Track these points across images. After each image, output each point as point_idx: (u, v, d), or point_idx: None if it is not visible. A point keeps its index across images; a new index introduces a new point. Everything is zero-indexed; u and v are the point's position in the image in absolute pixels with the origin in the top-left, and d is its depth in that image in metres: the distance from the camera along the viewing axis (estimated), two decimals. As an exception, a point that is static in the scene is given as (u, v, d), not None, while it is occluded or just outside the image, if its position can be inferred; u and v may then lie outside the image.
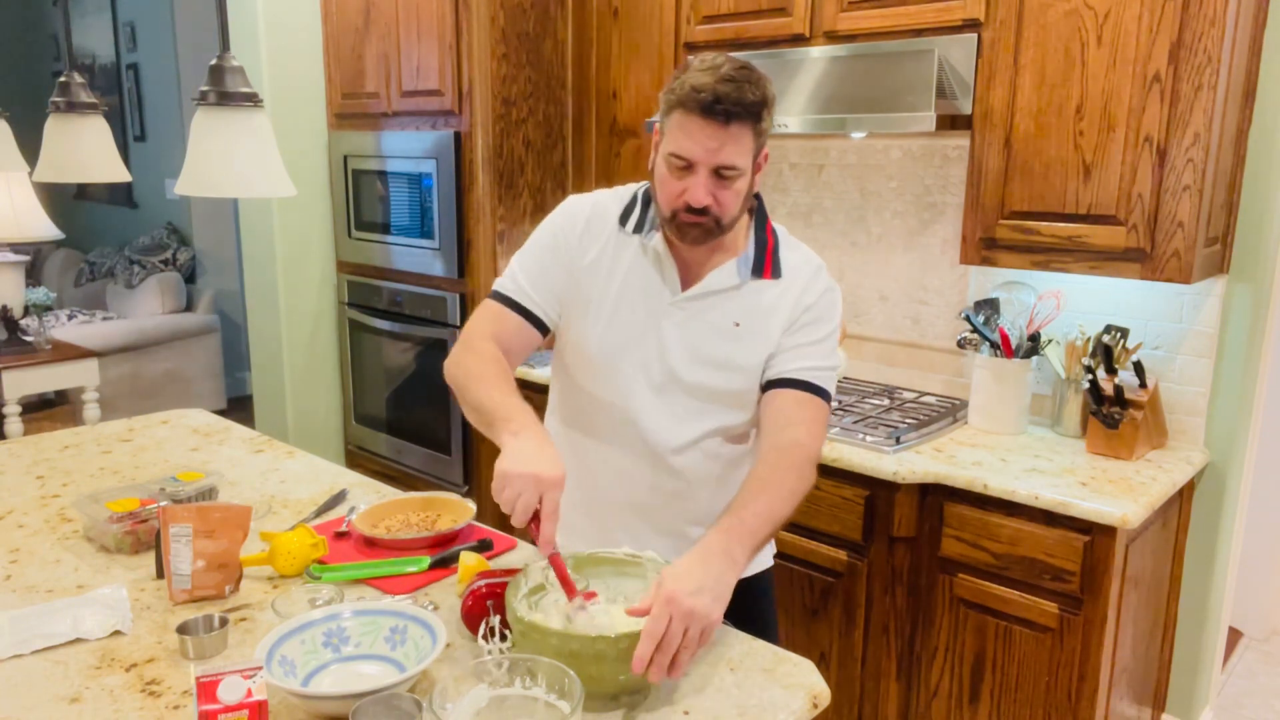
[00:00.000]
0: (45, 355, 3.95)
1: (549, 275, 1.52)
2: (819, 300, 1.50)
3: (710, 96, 1.30)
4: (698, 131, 1.33)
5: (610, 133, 3.11)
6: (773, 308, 1.49)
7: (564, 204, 1.58)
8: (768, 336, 1.48)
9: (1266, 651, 3.16)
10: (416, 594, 1.47)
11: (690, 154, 1.35)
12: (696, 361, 1.49)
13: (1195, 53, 1.96)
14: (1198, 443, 2.37)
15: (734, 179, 1.37)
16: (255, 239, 3.68)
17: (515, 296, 1.53)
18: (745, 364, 1.49)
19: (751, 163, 1.38)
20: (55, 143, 1.97)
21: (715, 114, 1.31)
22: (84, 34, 6.46)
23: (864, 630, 2.30)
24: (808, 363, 1.47)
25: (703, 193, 1.36)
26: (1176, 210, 2.03)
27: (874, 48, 2.41)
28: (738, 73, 1.33)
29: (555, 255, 1.53)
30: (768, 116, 1.37)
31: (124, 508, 1.63)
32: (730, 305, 1.49)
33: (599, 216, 1.53)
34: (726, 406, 1.51)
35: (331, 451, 3.84)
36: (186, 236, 5.96)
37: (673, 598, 1.13)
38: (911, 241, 2.76)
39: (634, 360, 1.50)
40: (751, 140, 1.36)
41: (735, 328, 1.48)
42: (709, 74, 1.32)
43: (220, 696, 1.03)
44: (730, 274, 1.48)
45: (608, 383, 1.52)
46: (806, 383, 1.46)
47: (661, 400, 1.50)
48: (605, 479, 1.57)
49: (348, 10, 3.44)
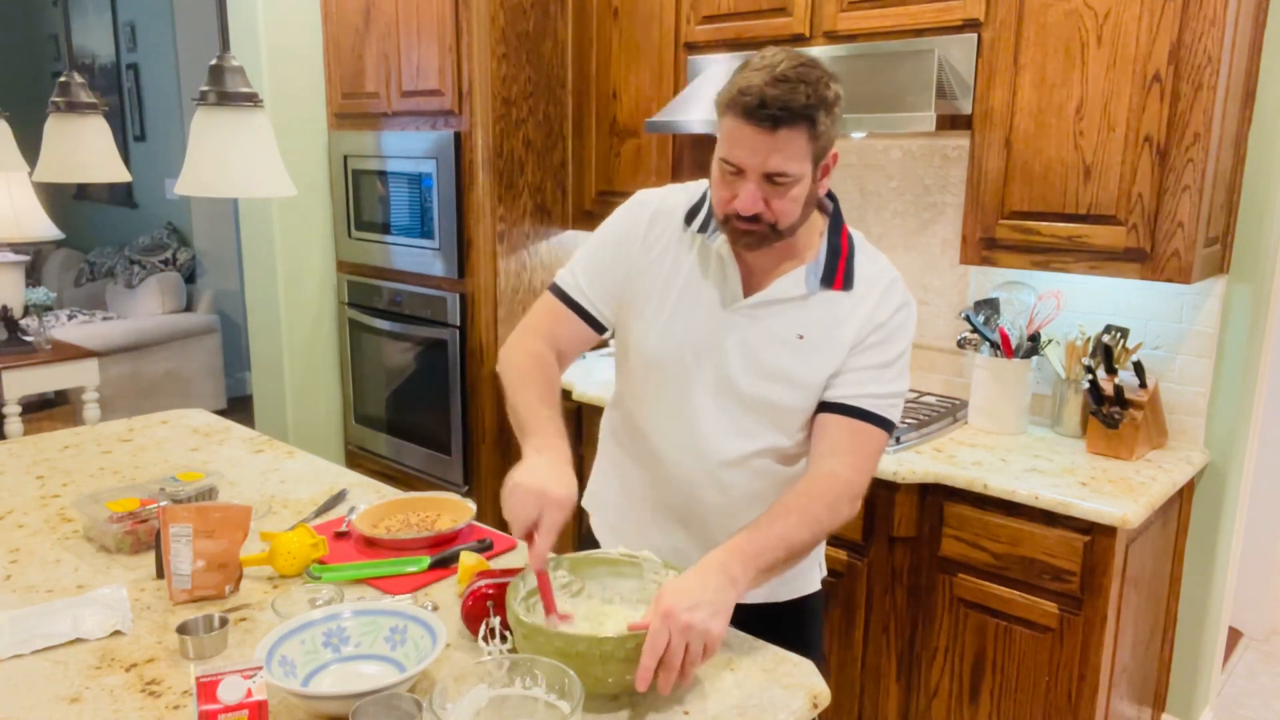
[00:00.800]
0: (45, 355, 3.95)
1: (608, 273, 1.47)
2: (891, 318, 1.40)
3: (755, 100, 1.22)
4: (745, 137, 1.25)
5: (610, 133, 3.11)
6: (841, 321, 1.39)
7: (634, 198, 1.52)
8: (833, 352, 1.39)
9: (1266, 651, 3.16)
10: (416, 594, 1.47)
11: (738, 160, 1.27)
12: (754, 372, 1.40)
13: (1195, 53, 1.96)
14: (1198, 443, 2.37)
15: (788, 185, 1.28)
16: (255, 239, 3.68)
17: (572, 294, 1.49)
18: (806, 379, 1.39)
19: (811, 167, 1.28)
20: (55, 143, 1.97)
21: (761, 119, 1.23)
22: (84, 34, 6.46)
23: (864, 630, 2.30)
24: (871, 389, 1.38)
25: (751, 200, 1.28)
26: (1176, 210, 2.03)
27: (874, 48, 2.41)
28: (793, 71, 1.23)
29: (617, 252, 1.47)
30: (826, 118, 1.25)
31: (124, 508, 1.63)
32: (795, 315, 1.40)
33: (665, 214, 1.47)
34: (782, 422, 1.42)
35: (331, 451, 3.84)
36: (186, 236, 5.96)
37: (670, 612, 1.13)
38: (911, 241, 2.76)
39: (691, 365, 1.43)
40: (807, 144, 1.25)
41: (799, 340, 1.39)
42: (761, 73, 1.23)
43: (220, 696, 1.03)
44: (797, 282, 1.39)
45: (663, 386, 1.46)
46: (865, 411, 1.37)
47: (717, 409, 1.43)
48: (653, 483, 1.52)
49: (348, 10, 3.44)
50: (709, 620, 1.14)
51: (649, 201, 1.50)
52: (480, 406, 3.22)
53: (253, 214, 3.66)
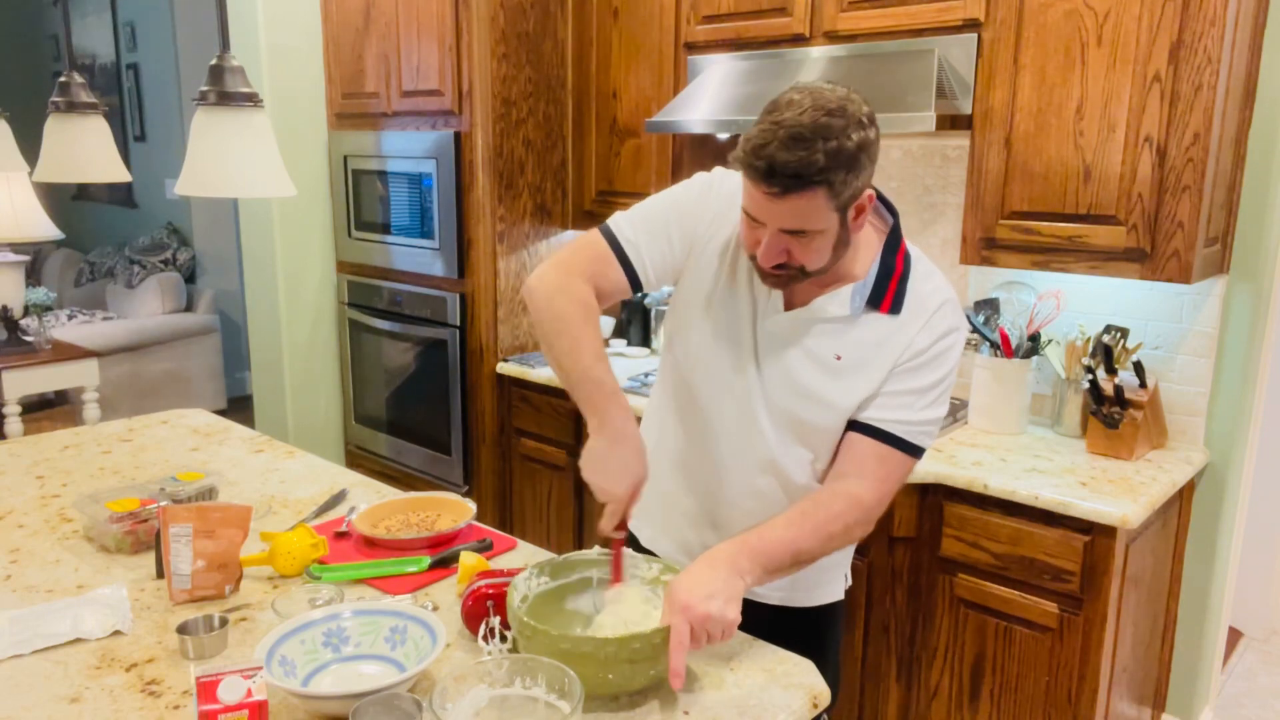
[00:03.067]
0: (45, 355, 3.95)
1: (667, 239, 1.39)
2: (934, 344, 1.32)
3: (765, 166, 1.15)
4: (759, 196, 1.19)
5: (610, 133, 3.11)
6: (882, 344, 1.32)
7: (707, 174, 1.42)
8: (870, 377, 1.32)
9: (1266, 651, 3.16)
10: (416, 594, 1.47)
11: (754, 214, 1.22)
12: (787, 388, 1.35)
13: (1195, 53, 1.96)
14: (1197, 443, 2.37)
15: (810, 238, 1.21)
16: (255, 239, 3.68)
17: (625, 247, 1.39)
18: (840, 402, 1.33)
19: (837, 216, 1.21)
20: (55, 143, 1.97)
21: (771, 184, 1.16)
22: (84, 34, 6.46)
23: (864, 630, 2.30)
24: (903, 415, 1.32)
25: (773, 254, 1.23)
26: (1176, 210, 2.03)
27: (874, 48, 2.41)
28: (813, 126, 1.13)
29: (681, 222, 1.39)
30: (848, 175, 1.16)
31: (124, 508, 1.63)
32: (836, 336, 1.33)
33: (733, 200, 1.35)
34: (810, 440, 1.38)
35: (331, 451, 3.84)
36: (186, 236, 5.96)
37: (688, 605, 1.14)
38: (911, 241, 2.74)
39: (728, 369, 1.38)
40: (826, 202, 1.17)
41: (836, 361, 1.33)
42: (779, 129, 1.14)
43: (220, 696, 1.03)
44: (841, 303, 1.32)
45: (704, 383, 1.41)
46: (895, 437, 1.32)
47: (748, 418, 1.39)
48: (685, 476, 1.48)
49: (348, 10, 3.44)
50: (725, 607, 1.15)
51: (722, 182, 1.41)
52: (480, 406, 3.22)
53: (253, 214, 3.66)
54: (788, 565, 1.27)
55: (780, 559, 1.25)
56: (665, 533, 1.54)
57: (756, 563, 1.22)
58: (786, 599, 1.50)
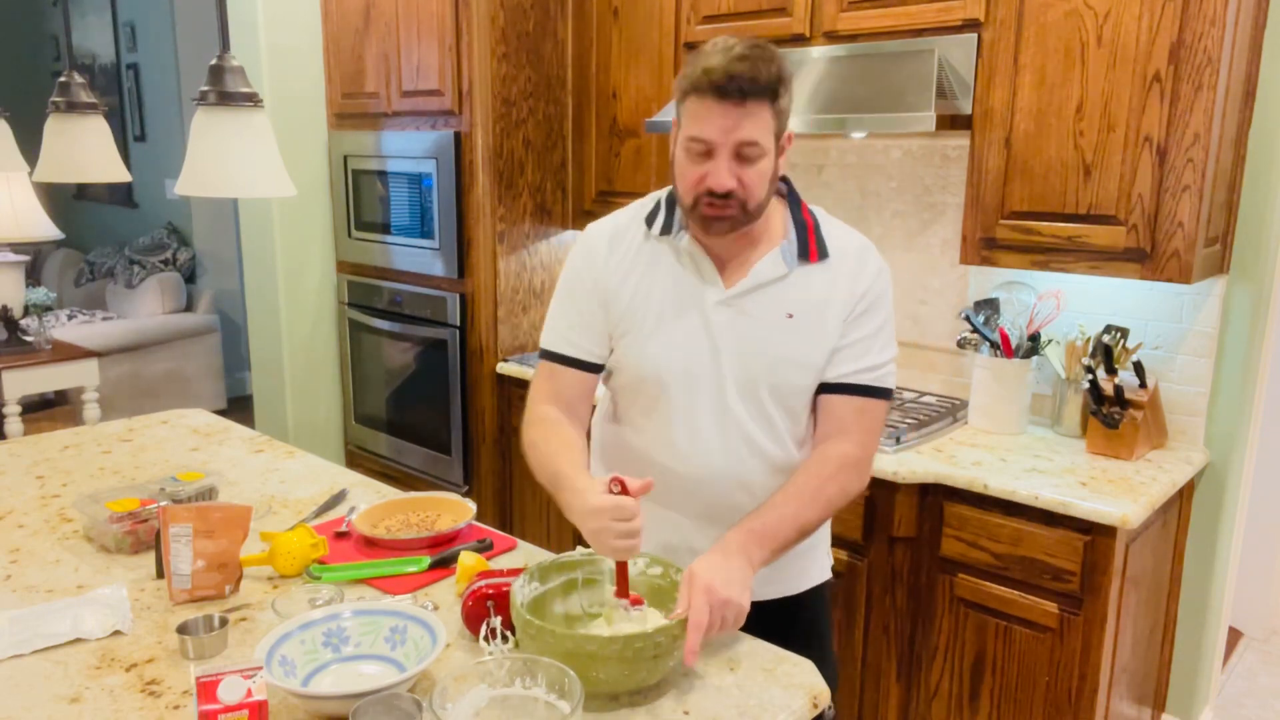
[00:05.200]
0: (45, 355, 3.95)
1: (586, 314, 1.48)
2: (873, 284, 1.44)
3: (723, 76, 1.27)
4: (714, 113, 1.29)
5: (610, 133, 3.11)
6: (826, 298, 1.42)
7: (582, 237, 1.52)
8: (825, 329, 1.42)
9: (1266, 651, 3.16)
10: (416, 594, 1.47)
11: (708, 136, 1.30)
12: (753, 359, 1.42)
13: (1195, 53, 1.96)
14: (1198, 443, 2.37)
15: (757, 159, 1.32)
16: (255, 239, 3.68)
17: (560, 349, 1.50)
18: (805, 359, 1.42)
19: (774, 142, 1.33)
20: (55, 143, 1.97)
21: (729, 93, 1.27)
22: (84, 34, 6.46)
23: (864, 630, 2.30)
24: (868, 361, 1.42)
25: (725, 175, 1.31)
26: (1176, 210, 2.03)
27: (874, 48, 2.41)
28: (751, 50, 1.29)
29: (586, 291, 1.48)
30: (785, 94, 1.32)
31: (124, 508, 1.63)
32: (780, 297, 1.42)
33: (620, 234, 1.49)
34: (790, 405, 1.45)
35: (331, 451, 3.84)
36: (186, 236, 5.96)
37: (711, 588, 1.19)
38: (911, 241, 2.76)
39: (687, 372, 1.43)
40: (771, 118, 1.31)
41: (789, 319, 1.42)
42: (721, 54, 1.29)
43: (220, 696, 1.03)
44: (776, 263, 1.42)
45: (673, 385, 1.44)
46: (867, 386, 1.42)
47: (720, 406, 1.43)
48: (669, 488, 1.48)
49: (348, 10, 3.44)
50: (742, 594, 1.22)
51: (599, 232, 1.51)
52: (480, 406, 3.22)
53: (253, 214, 3.66)
54: (794, 539, 1.34)
55: (786, 535, 1.33)
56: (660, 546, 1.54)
57: (765, 547, 1.30)
58: (777, 591, 1.53)
